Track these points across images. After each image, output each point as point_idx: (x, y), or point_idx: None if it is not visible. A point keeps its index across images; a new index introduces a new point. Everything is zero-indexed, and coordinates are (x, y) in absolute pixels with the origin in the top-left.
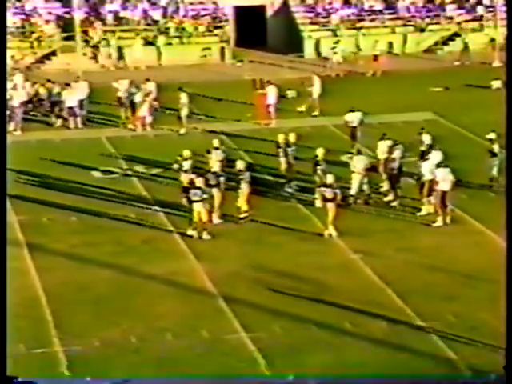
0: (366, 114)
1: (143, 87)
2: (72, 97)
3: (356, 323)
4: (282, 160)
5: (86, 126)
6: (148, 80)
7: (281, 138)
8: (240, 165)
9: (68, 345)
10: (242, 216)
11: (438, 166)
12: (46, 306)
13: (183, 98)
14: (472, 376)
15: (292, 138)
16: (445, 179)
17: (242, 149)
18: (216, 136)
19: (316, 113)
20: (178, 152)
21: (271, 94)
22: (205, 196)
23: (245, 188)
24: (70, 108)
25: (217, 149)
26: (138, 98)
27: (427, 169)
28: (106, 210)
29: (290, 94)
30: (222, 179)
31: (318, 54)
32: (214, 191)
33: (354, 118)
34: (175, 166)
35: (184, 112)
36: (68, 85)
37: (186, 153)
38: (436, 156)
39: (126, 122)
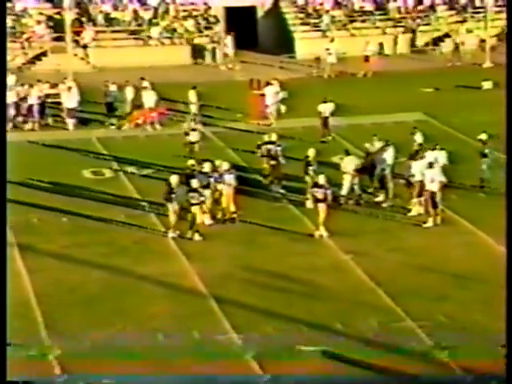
0: (337, 104)
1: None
2: (73, 98)
3: (347, 324)
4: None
5: (76, 127)
6: (143, 79)
7: (266, 138)
8: (225, 165)
9: (59, 346)
10: (226, 217)
11: (430, 166)
12: (37, 307)
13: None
14: (462, 375)
15: (274, 137)
16: (433, 180)
17: (231, 148)
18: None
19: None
20: (169, 152)
21: (269, 94)
22: (202, 198)
23: (228, 189)
24: (71, 109)
25: (194, 130)
26: (150, 100)
27: (417, 169)
28: (96, 211)
29: (282, 94)
30: (211, 180)
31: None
32: (206, 192)
33: (325, 108)
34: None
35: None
36: (56, 85)
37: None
38: (428, 157)
39: (121, 122)
